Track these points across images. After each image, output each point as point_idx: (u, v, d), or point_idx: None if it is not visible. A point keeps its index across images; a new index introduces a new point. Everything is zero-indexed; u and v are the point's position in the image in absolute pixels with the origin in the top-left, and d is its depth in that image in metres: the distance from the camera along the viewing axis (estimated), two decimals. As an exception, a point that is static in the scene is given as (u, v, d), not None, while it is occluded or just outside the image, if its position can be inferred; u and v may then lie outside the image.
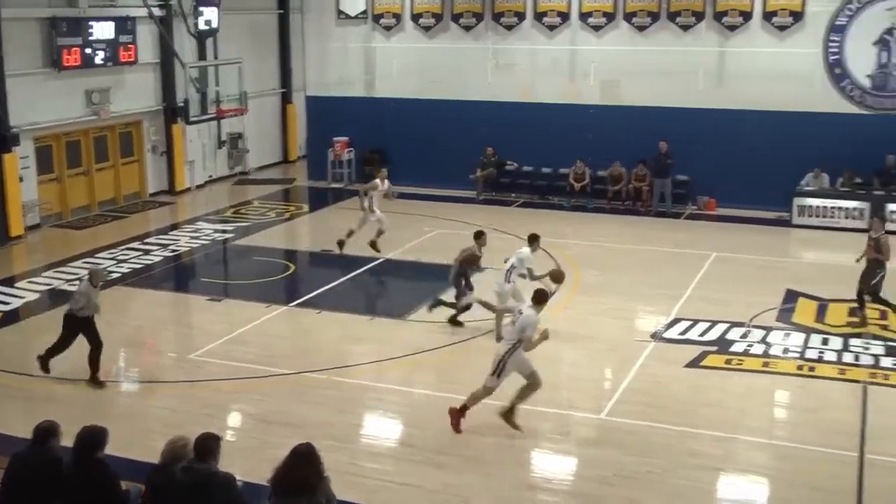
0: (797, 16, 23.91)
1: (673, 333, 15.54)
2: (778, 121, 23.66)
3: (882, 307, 16.17)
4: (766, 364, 14.34)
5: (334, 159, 28.09)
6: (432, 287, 18.02)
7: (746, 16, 24.26)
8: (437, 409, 12.70)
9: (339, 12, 28.20)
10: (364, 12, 27.90)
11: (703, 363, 14.29)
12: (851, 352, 14.79)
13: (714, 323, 15.82)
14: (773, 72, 23.75)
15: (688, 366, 14.17)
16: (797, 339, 15.31)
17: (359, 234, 20.25)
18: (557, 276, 15.05)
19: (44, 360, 13.50)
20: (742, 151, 23.92)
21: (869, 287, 16.04)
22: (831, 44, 23.59)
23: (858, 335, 15.47)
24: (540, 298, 12.06)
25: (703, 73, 24.78)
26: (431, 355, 14.70)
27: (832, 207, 22.80)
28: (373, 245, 20.12)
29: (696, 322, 15.97)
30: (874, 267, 16.01)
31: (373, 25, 27.82)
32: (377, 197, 20.25)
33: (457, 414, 12.01)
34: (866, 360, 14.46)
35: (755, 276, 18.77)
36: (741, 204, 23.92)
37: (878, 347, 14.95)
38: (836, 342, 15.15)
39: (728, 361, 14.40)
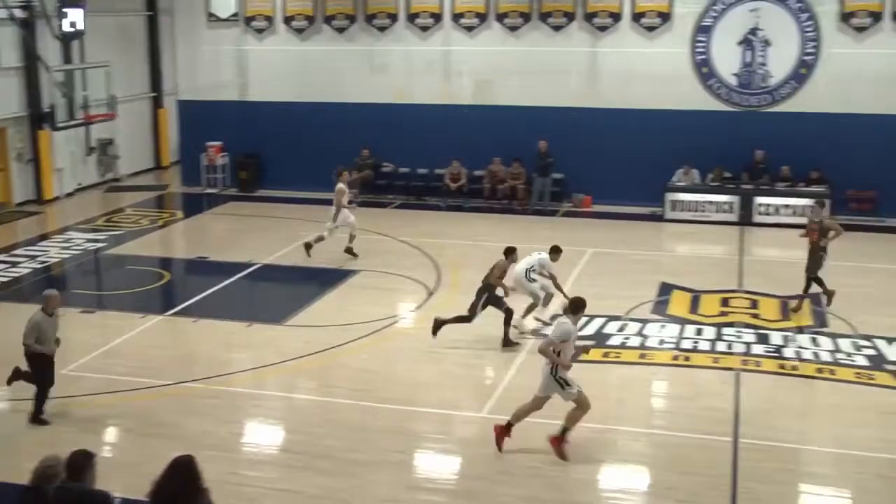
0: (665, 17, 24.52)
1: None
2: (649, 119, 24.26)
3: (816, 288, 16.73)
4: (642, 356, 14.69)
5: (208, 164, 27.60)
6: (310, 291, 17.93)
7: (616, 17, 24.75)
8: (318, 413, 12.65)
9: (210, 15, 27.67)
10: (235, 15, 27.45)
11: (581, 357, 14.50)
12: (724, 340, 15.26)
13: (591, 317, 16.04)
14: (643, 71, 24.35)
15: (567, 360, 14.36)
16: (672, 330, 15.71)
17: (357, 237, 20.15)
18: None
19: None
20: (615, 149, 24.42)
21: (812, 271, 16.63)
22: (698, 44, 24.29)
23: (731, 324, 15.97)
24: (576, 308, 11.69)
25: (576, 73, 25.24)
26: (311, 360, 14.55)
27: (703, 202, 23.49)
28: (308, 246, 19.99)
29: (574, 317, 16.21)
30: (818, 251, 16.61)
31: (244, 28, 27.38)
32: (345, 200, 20.03)
33: (557, 441, 11.44)
34: (739, 348, 14.96)
35: (630, 271, 19.18)
36: (616, 200, 24.44)
37: (749, 335, 15.47)
38: (709, 332, 15.62)
39: (606, 354, 14.68)
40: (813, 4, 23.55)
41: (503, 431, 11.59)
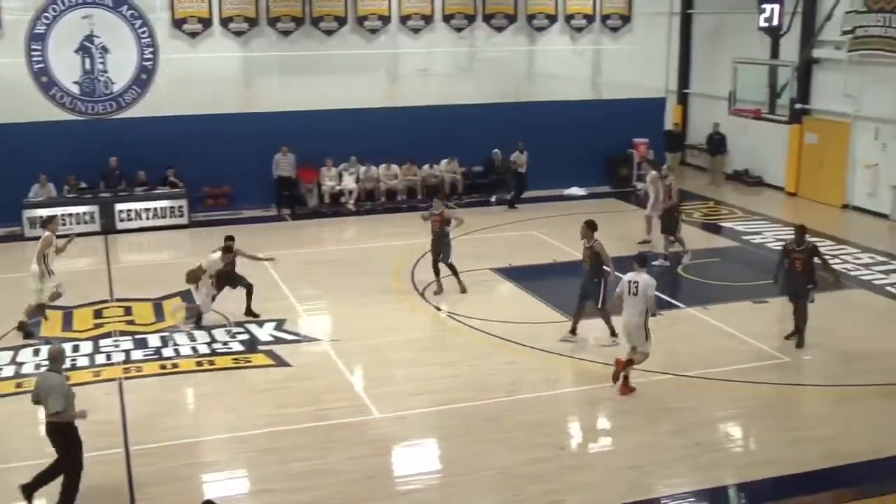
0: (-5, 24, 23.33)
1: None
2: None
3: (451, 274, 18.08)
4: (19, 385, 13.92)
5: None
6: None
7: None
8: None
9: None
10: None
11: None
12: (103, 352, 15.09)
13: (-44, 356, 14.91)
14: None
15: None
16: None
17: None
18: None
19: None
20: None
21: (441, 255, 17.94)
22: (33, 52, 23.38)
23: (108, 334, 15.82)
24: (643, 261, 13.72)
25: None
26: None
27: (63, 215, 22.72)
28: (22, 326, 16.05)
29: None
30: (441, 237, 17.88)
31: None
32: (52, 256, 16.36)
33: (621, 375, 13.40)
34: (118, 357, 14.88)
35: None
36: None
37: (127, 343, 15.45)
38: (86, 346, 15.32)
39: (-22, 390, 13.71)
40: (146, 11, 23.99)
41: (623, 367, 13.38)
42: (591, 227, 15.48)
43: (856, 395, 13.57)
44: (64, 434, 10.41)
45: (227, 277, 16.50)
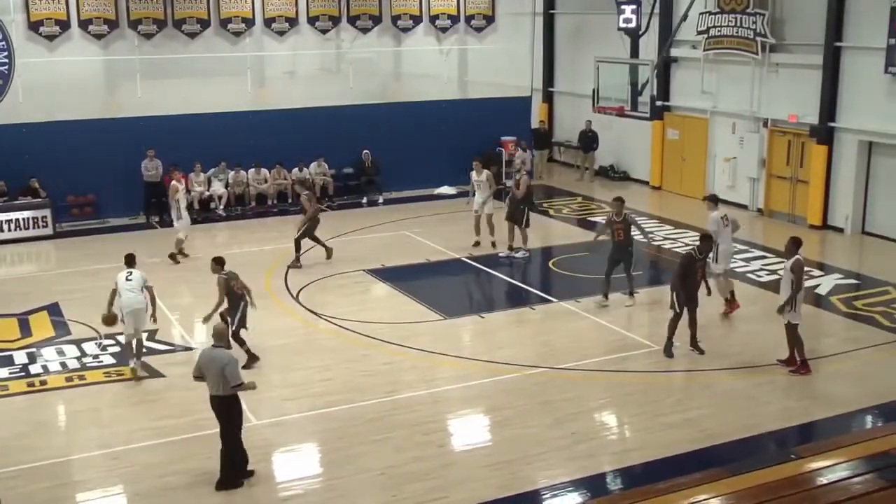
0: None
1: None
2: None
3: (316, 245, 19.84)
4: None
5: None
6: None
7: None
8: None
9: None
10: None
11: None
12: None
13: None
14: None
15: None
16: None
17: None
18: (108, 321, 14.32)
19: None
20: None
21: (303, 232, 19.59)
22: None
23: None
24: (716, 199, 17.08)
25: None
26: None
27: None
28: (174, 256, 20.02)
29: None
30: (310, 221, 19.56)
31: None
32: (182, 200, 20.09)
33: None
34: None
35: None
36: None
37: (-8, 362, 14.90)
38: (-53, 366, 14.70)
39: None
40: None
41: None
42: (623, 202, 17.40)
43: (719, 378, 14.13)
44: (228, 406, 11.02)
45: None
